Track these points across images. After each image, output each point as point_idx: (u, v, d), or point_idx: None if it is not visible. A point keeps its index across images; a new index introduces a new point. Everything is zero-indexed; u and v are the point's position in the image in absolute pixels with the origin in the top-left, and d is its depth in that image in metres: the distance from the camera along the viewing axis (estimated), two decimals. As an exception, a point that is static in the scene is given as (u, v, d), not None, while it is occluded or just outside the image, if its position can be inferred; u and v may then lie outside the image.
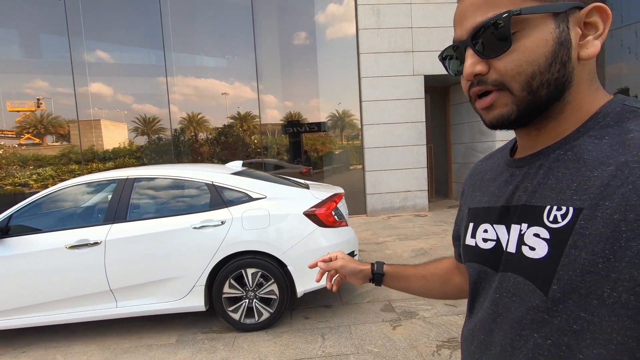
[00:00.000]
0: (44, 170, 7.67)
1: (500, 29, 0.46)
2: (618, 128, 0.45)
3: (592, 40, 0.47)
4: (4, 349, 2.88)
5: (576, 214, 0.43)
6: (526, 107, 0.48)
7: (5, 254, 2.73)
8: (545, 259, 0.45)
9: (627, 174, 0.40)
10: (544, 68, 0.46)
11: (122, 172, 3.08)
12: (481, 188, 0.64)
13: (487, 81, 0.49)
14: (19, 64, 7.85)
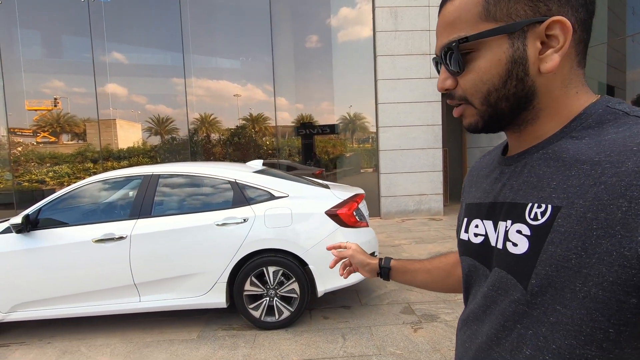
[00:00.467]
0: (60, 168, 7.83)
1: (453, 54, 0.51)
2: (598, 129, 0.46)
3: (552, 54, 0.47)
4: (29, 339, 2.94)
5: (554, 211, 0.45)
6: (490, 118, 0.52)
7: (34, 246, 2.79)
8: (525, 255, 0.47)
9: (599, 173, 0.42)
10: (498, 85, 0.49)
11: (147, 169, 3.13)
12: (477, 184, 0.65)
13: (454, 95, 0.54)
14: (40, 64, 8.05)
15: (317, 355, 2.53)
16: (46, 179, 7.79)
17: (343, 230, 2.96)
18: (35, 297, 2.82)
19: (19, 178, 7.77)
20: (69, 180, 7.79)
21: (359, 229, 3.07)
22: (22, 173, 7.81)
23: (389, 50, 7.08)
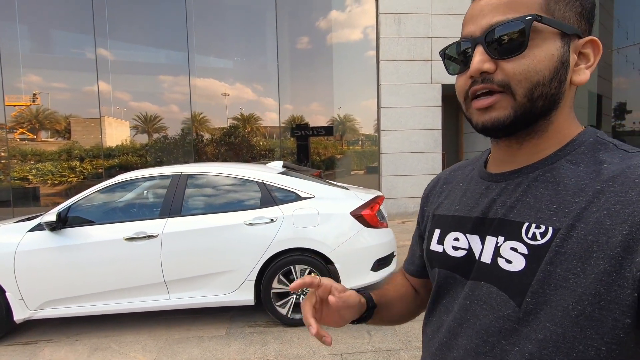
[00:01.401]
0: (43, 166, 7.67)
1: (519, 30, 0.47)
2: (592, 157, 0.49)
3: (584, 68, 0.51)
4: (56, 336, 2.95)
5: (554, 233, 0.46)
6: (522, 115, 0.49)
7: (66, 243, 2.82)
8: (521, 273, 0.48)
9: (603, 201, 0.44)
10: (547, 80, 0.49)
11: (176, 169, 3.18)
12: (450, 197, 0.66)
13: (492, 80, 0.49)
14: (30, 59, 7.90)
15: (346, 350, 2.64)
16: (29, 176, 7.63)
17: (367, 231, 3.08)
18: (64, 295, 2.84)
19: (7, 175, 7.59)
20: (52, 178, 7.65)
21: (381, 229, 3.20)
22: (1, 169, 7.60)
23: (391, 56, 7.27)
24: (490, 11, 0.50)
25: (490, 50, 0.49)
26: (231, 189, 3.15)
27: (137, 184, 3.25)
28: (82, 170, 7.71)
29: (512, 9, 0.48)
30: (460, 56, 0.54)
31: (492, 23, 0.49)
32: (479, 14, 0.51)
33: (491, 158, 0.61)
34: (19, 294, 2.76)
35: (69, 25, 7.79)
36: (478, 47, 0.50)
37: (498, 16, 0.49)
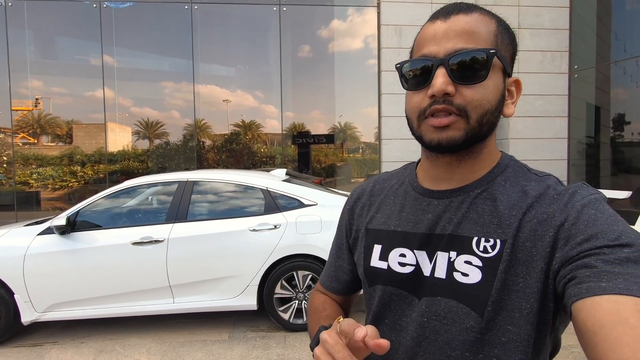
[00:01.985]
0: (44, 170, 7.73)
1: (482, 61, 0.51)
2: (514, 178, 0.56)
3: (510, 103, 0.58)
4: (62, 339, 3.00)
5: (502, 245, 0.51)
6: (471, 137, 0.53)
7: (74, 247, 2.88)
8: (479, 284, 0.51)
9: (533, 213, 0.51)
10: (493, 109, 0.53)
11: (182, 175, 3.26)
12: (383, 210, 0.65)
13: (452, 102, 0.51)
14: (42, 65, 8.05)
15: (348, 354, 2.69)
16: (30, 180, 7.69)
17: (368, 238, 3.15)
18: (71, 298, 2.89)
19: (10, 179, 7.66)
20: (53, 183, 7.71)
21: (382, 236, 3.26)
22: (2, 173, 7.66)
23: (392, 66, 7.32)
24: (454, 36, 0.52)
25: (452, 74, 0.51)
26: (236, 196, 3.23)
27: (143, 190, 3.33)
28: (83, 175, 7.78)
29: (473, 39, 0.52)
30: (419, 73, 0.54)
31: (456, 48, 0.51)
32: (442, 36, 0.52)
33: (424, 174, 0.63)
34: (27, 296, 2.82)
35: (76, 33, 7.94)
36: (441, 69, 0.51)
37: (461, 43, 0.51)
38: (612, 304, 0.39)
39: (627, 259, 0.42)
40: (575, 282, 0.43)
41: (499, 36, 0.54)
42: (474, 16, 0.53)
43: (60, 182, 7.70)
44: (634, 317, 0.37)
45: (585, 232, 0.46)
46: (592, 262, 0.43)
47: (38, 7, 7.42)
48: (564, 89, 7.63)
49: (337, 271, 0.74)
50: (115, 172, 7.87)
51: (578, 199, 0.50)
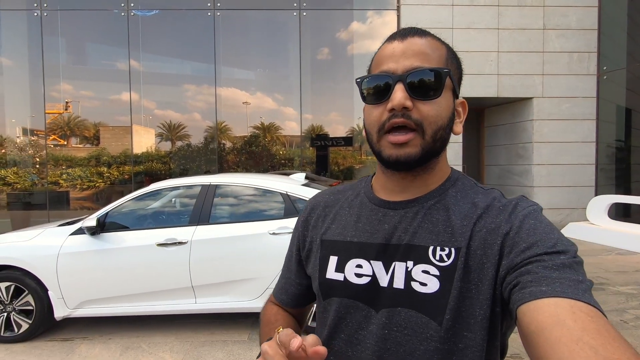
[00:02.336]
0: (73, 171, 8.06)
1: (437, 79, 0.55)
2: (463, 191, 0.60)
3: (458, 122, 0.62)
4: (91, 334, 3.14)
5: (457, 253, 0.53)
6: (427, 153, 0.56)
7: (102, 247, 3.01)
8: (437, 293, 0.53)
9: (483, 223, 0.54)
10: (445, 125, 0.57)
11: (205, 179, 3.35)
12: (338, 221, 0.66)
13: (410, 117, 0.54)
14: (73, 70, 8.42)
15: None
16: (60, 180, 8.03)
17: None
18: (100, 295, 3.02)
19: (43, 180, 8.03)
20: (81, 183, 8.02)
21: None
22: (35, 173, 8.04)
23: (413, 69, 7.33)
24: (412, 55, 0.56)
25: (410, 90, 0.54)
26: (256, 199, 3.29)
27: (168, 193, 3.44)
28: (109, 176, 8.08)
29: (427, 60, 0.56)
30: (379, 89, 0.57)
31: (414, 66, 0.55)
32: (400, 55, 0.56)
33: (379, 186, 0.65)
34: (59, 293, 2.97)
35: (105, 40, 8.28)
36: (399, 84, 0.55)
37: (417, 62, 0.55)
38: (552, 307, 0.42)
39: (563, 264, 0.46)
40: (519, 288, 0.46)
41: (449, 60, 0.59)
42: (428, 39, 0.58)
43: (88, 183, 8.04)
44: (570, 319, 0.40)
45: (527, 241, 0.50)
46: (534, 269, 0.46)
47: (70, 16, 7.78)
48: (592, 91, 7.36)
49: (287, 284, 0.75)
50: (139, 173, 8.14)
51: (520, 210, 0.54)
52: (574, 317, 0.40)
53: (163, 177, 8.00)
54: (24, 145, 8.30)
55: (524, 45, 7.30)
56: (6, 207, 8.03)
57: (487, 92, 7.33)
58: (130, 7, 7.60)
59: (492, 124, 8.37)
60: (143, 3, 7.71)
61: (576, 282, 0.44)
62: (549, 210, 7.33)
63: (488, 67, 7.31)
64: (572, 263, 0.47)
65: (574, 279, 0.45)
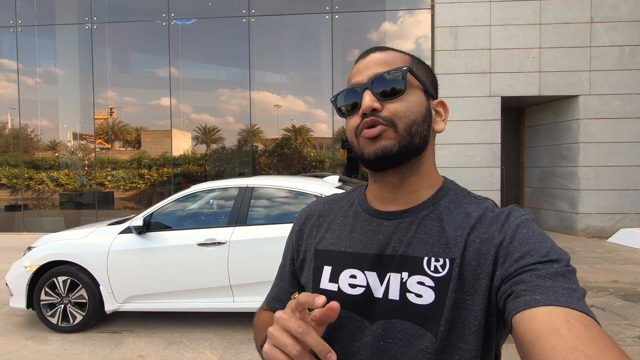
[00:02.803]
0: (117, 172, 8.55)
1: (398, 77, 0.58)
2: (456, 201, 0.60)
3: (440, 121, 0.63)
4: (138, 328, 3.32)
5: (451, 264, 0.53)
6: (404, 146, 0.57)
7: (148, 246, 3.18)
8: (433, 305, 0.53)
9: (476, 234, 0.54)
10: (420, 120, 0.58)
11: (242, 181, 3.45)
12: (332, 231, 0.65)
13: (380, 116, 0.57)
14: (118, 78, 8.95)
15: None
16: (105, 182, 8.54)
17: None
18: (146, 291, 3.19)
19: (91, 181, 8.60)
20: (124, 184, 8.49)
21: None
22: (83, 175, 8.60)
23: (447, 69, 7.16)
24: (374, 65, 0.60)
25: (376, 94, 0.58)
26: (292, 202, 3.34)
27: (208, 195, 3.58)
28: (150, 178, 8.51)
29: (389, 66, 0.59)
30: (350, 101, 0.61)
31: (376, 73, 0.59)
32: (364, 68, 0.60)
33: (372, 196, 0.65)
34: (109, 288, 3.17)
35: (147, 48, 8.74)
36: (366, 92, 0.58)
37: (380, 69, 0.59)
38: (546, 315, 0.42)
39: (557, 273, 0.47)
40: (513, 297, 0.47)
41: (414, 66, 0.61)
42: (389, 52, 0.62)
43: (130, 184, 8.52)
44: (564, 327, 0.41)
45: (520, 250, 0.50)
46: (527, 278, 0.47)
47: (117, 28, 8.29)
48: (647, 87, 6.83)
49: (280, 292, 0.74)
50: (177, 175, 8.51)
51: (512, 219, 0.55)
52: (568, 326, 0.41)
53: (199, 179, 8.32)
54: (74, 149, 8.94)
55: (569, 40, 6.91)
56: (59, 206, 8.67)
57: (528, 91, 7.01)
58: (171, 17, 7.99)
59: (533, 124, 7.98)
60: (182, 13, 8.08)
61: (570, 290, 0.45)
62: (597, 215, 6.87)
63: (529, 64, 6.98)
64: (565, 272, 0.47)
65: (567, 287, 0.45)
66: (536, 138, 7.85)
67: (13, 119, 8.70)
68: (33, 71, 8.64)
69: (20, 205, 8.58)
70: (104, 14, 8.11)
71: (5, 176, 8.50)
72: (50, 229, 7.68)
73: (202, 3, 8.29)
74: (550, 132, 7.54)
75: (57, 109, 9.12)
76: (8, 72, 8.55)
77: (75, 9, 8.32)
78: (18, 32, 8.30)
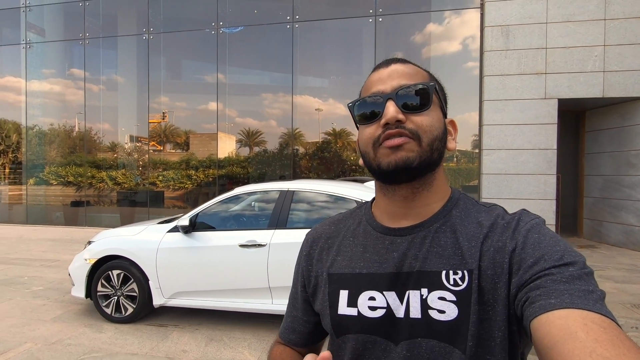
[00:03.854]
0: (167, 173, 9.04)
1: (425, 92, 0.57)
2: (466, 210, 0.59)
3: (451, 140, 0.62)
4: (182, 323, 3.47)
5: (469, 276, 0.52)
6: (425, 160, 0.56)
7: (193, 245, 3.32)
8: (457, 320, 0.51)
9: (490, 242, 0.54)
10: (440, 136, 0.58)
11: (283, 185, 3.50)
12: (343, 253, 0.62)
13: (405, 127, 0.56)
14: (170, 84, 9.50)
15: None
16: (157, 182, 9.07)
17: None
18: (190, 289, 3.33)
19: (144, 181, 9.19)
20: (173, 184, 8.95)
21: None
22: (138, 175, 9.20)
23: (498, 70, 6.78)
24: (397, 77, 0.59)
25: (400, 105, 0.57)
26: (331, 206, 3.33)
27: (250, 197, 3.67)
28: (197, 178, 8.94)
29: (414, 79, 0.59)
30: (370, 109, 0.59)
31: (401, 84, 0.58)
32: (387, 77, 0.60)
33: (380, 212, 0.64)
34: (157, 283, 3.34)
35: (197, 56, 9.21)
36: (390, 102, 0.57)
37: (404, 80, 0.59)
38: (563, 319, 0.41)
39: (572, 276, 0.46)
40: (529, 303, 0.46)
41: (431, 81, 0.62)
42: (410, 66, 0.62)
43: (179, 184, 9.00)
44: (582, 331, 0.39)
45: (533, 256, 0.49)
46: (543, 283, 0.46)
47: (170, 38, 8.83)
48: None
49: (294, 322, 0.71)
50: (222, 177, 8.85)
51: (522, 225, 0.54)
52: (585, 329, 0.39)
53: (242, 181, 8.59)
54: (130, 150, 9.64)
55: (639, 36, 6.26)
56: (116, 203, 9.37)
57: (589, 92, 6.44)
58: (220, 25, 8.36)
59: (594, 129, 7.32)
60: (230, 21, 8.42)
61: (586, 292, 0.44)
62: (671, 231, 6.13)
63: (591, 63, 6.42)
64: (582, 274, 0.46)
65: (583, 289, 0.44)
66: (598, 143, 7.18)
67: (79, 122, 9.56)
68: (97, 79, 9.45)
69: (83, 202, 9.39)
70: (159, 24, 8.68)
71: (72, 175, 9.34)
72: (108, 224, 8.32)
73: (249, 11, 8.59)
74: (615, 137, 6.87)
75: (116, 114, 9.89)
76: (77, 80, 9.42)
77: (134, 21, 8.99)
78: (85, 44, 9.12)
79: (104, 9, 9.09)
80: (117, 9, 9.34)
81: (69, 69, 9.57)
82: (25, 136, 9.76)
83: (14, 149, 10.07)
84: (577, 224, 7.70)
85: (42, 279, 4.84)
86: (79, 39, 9.14)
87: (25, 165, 9.81)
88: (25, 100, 9.58)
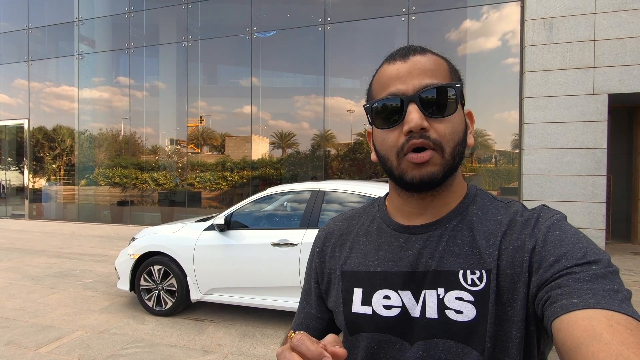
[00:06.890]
0: (204, 174, 9.36)
1: (451, 95, 0.53)
2: (483, 207, 0.57)
3: (469, 134, 0.58)
4: (217, 318, 3.60)
5: (488, 275, 0.50)
6: (447, 171, 0.53)
7: (228, 243, 3.43)
8: (475, 321, 0.49)
9: (508, 240, 0.52)
10: (461, 140, 0.55)
11: (314, 185, 3.53)
12: (357, 250, 0.61)
13: (429, 137, 0.52)
14: (206, 89, 9.87)
15: None
16: (195, 183, 9.42)
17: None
18: (225, 285, 3.45)
19: (183, 182, 9.60)
20: (210, 185, 9.26)
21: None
22: (177, 176, 9.62)
23: (540, 65, 6.44)
24: (418, 74, 0.54)
25: (424, 109, 0.52)
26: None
27: (282, 197, 3.74)
28: (231, 180, 9.21)
29: (435, 76, 0.54)
30: (390, 112, 0.54)
31: (424, 84, 0.53)
32: (407, 75, 0.54)
33: (395, 209, 0.62)
34: (195, 279, 3.49)
35: (232, 60, 9.52)
36: (412, 105, 0.52)
37: (427, 79, 0.53)
38: (586, 320, 0.39)
39: (596, 275, 0.43)
40: (550, 302, 0.44)
41: (452, 73, 0.57)
42: (429, 56, 0.57)
43: (215, 185, 9.33)
44: (607, 332, 0.38)
45: (554, 254, 0.47)
46: (564, 282, 0.44)
47: (207, 44, 9.19)
48: None
49: (307, 319, 0.69)
50: (255, 178, 9.06)
51: (542, 222, 0.52)
52: (611, 330, 0.38)
53: (275, 182, 8.75)
54: (170, 153, 10.12)
55: None
56: (157, 203, 9.88)
57: (645, 87, 5.95)
58: (254, 30, 8.59)
59: (651, 126, 6.74)
60: (264, 26, 8.63)
61: (611, 292, 0.42)
62: None
63: (647, 55, 5.92)
64: (607, 273, 0.44)
65: (608, 288, 0.42)
66: (656, 142, 6.60)
67: (125, 127, 10.19)
68: (141, 85, 10.02)
69: (128, 201, 9.98)
70: (197, 32, 9.06)
71: (118, 176, 9.98)
72: (150, 223, 8.79)
73: (281, 15, 8.75)
74: (675, 134, 6.28)
75: (158, 118, 10.43)
76: (123, 87, 10.05)
77: (174, 29, 9.45)
78: (131, 52, 9.71)
79: (147, 20, 9.64)
80: (159, 19, 9.86)
81: (116, 77, 10.23)
82: (78, 140, 10.55)
83: (67, 153, 10.91)
84: (630, 229, 7.12)
85: (91, 272, 5.21)
86: (125, 49, 9.75)
87: (78, 167, 10.60)
88: (77, 107, 10.36)
